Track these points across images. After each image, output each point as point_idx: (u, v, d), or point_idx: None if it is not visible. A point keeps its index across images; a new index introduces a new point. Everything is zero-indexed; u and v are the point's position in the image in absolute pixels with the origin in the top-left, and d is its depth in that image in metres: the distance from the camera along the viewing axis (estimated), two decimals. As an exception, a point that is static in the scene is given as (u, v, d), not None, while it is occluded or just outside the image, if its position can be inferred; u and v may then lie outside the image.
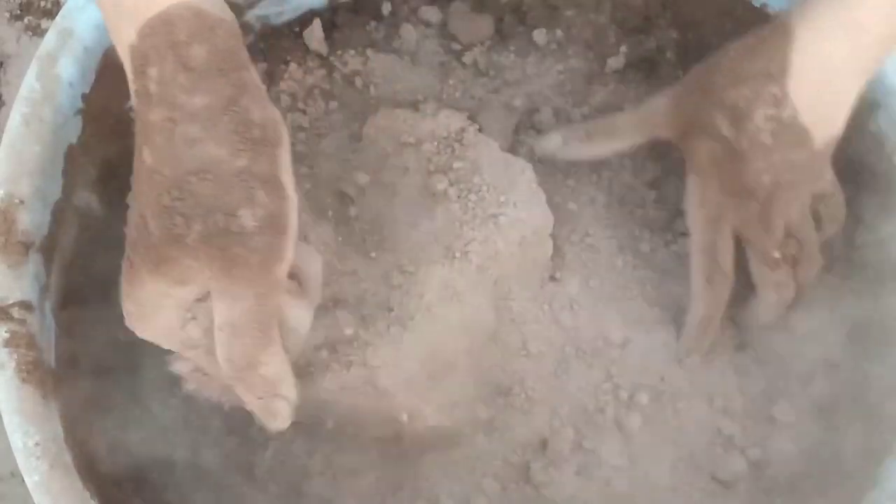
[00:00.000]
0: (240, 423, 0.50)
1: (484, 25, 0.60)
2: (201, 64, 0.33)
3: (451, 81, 0.59)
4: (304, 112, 0.57)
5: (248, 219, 0.32)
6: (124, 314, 0.37)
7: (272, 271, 0.33)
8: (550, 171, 0.56)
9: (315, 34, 0.57)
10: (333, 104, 0.58)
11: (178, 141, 0.32)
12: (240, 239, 0.32)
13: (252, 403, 0.38)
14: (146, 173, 0.33)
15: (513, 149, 0.57)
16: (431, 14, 0.60)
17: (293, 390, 0.38)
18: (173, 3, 0.33)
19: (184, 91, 0.33)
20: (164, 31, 0.33)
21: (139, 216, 0.34)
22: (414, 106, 0.57)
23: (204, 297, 0.36)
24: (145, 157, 0.33)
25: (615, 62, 0.60)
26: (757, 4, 0.55)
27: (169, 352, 0.41)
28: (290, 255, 0.34)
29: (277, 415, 0.38)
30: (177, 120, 0.33)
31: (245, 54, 0.35)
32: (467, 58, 0.59)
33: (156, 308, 0.35)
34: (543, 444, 0.52)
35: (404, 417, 0.49)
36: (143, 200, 0.33)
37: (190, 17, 0.33)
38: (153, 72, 0.33)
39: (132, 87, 0.35)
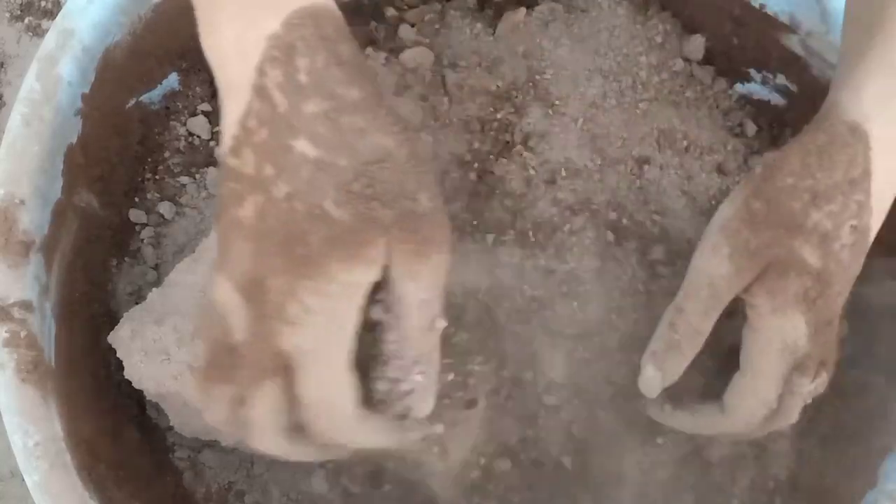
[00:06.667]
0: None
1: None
2: (349, 59, 0.34)
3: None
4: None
5: (425, 201, 0.35)
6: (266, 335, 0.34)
7: (448, 244, 0.36)
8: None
9: (315, 34, 0.57)
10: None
11: (348, 132, 0.34)
12: (424, 218, 0.35)
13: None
14: (311, 165, 0.34)
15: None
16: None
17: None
18: None
19: (341, 84, 0.34)
20: (313, 25, 0.34)
21: (311, 208, 0.34)
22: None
23: None
24: (303, 148, 0.33)
25: None
26: (755, 5, 0.56)
27: None
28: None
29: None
30: (340, 111, 0.34)
31: None
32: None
33: (346, 299, 0.34)
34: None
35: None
36: (315, 191, 0.34)
37: (331, 13, 0.35)
38: (303, 62, 0.34)
39: (265, 74, 0.34)
